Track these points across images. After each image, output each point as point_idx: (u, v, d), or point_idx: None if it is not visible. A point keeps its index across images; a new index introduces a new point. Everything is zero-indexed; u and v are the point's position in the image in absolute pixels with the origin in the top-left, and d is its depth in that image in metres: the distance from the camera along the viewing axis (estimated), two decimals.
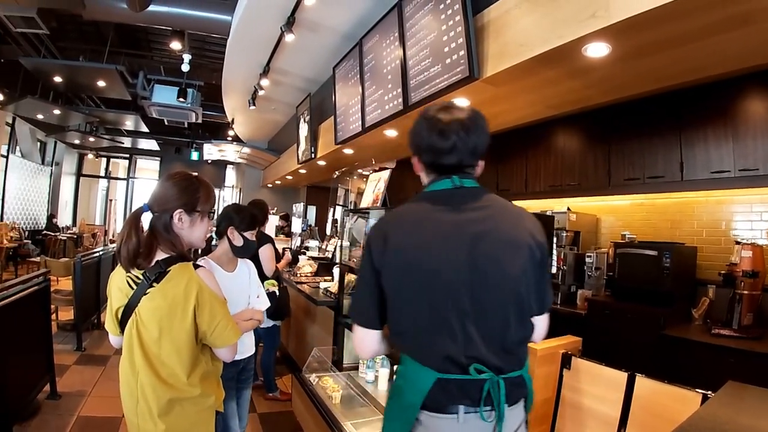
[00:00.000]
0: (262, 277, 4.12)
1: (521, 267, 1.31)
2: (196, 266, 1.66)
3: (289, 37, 4.68)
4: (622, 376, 2.09)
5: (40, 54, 7.77)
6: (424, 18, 3.49)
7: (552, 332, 2.61)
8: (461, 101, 3.44)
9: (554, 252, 2.96)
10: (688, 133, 3.49)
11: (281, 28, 4.57)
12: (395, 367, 3.37)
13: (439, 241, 1.33)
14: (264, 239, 4.16)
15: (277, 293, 3.98)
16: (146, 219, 1.66)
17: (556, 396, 2.37)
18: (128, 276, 1.60)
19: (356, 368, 3.63)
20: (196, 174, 1.81)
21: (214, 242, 2.64)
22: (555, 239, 3.07)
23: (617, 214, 4.32)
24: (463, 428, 1.26)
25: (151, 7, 5.78)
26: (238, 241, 2.49)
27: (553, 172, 4.38)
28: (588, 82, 3.00)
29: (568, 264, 3.88)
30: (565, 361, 2.35)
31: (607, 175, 3.93)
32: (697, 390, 1.86)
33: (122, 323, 1.61)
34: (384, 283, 1.34)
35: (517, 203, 4.38)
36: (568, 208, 4.21)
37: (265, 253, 4.08)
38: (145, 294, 1.56)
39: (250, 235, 2.58)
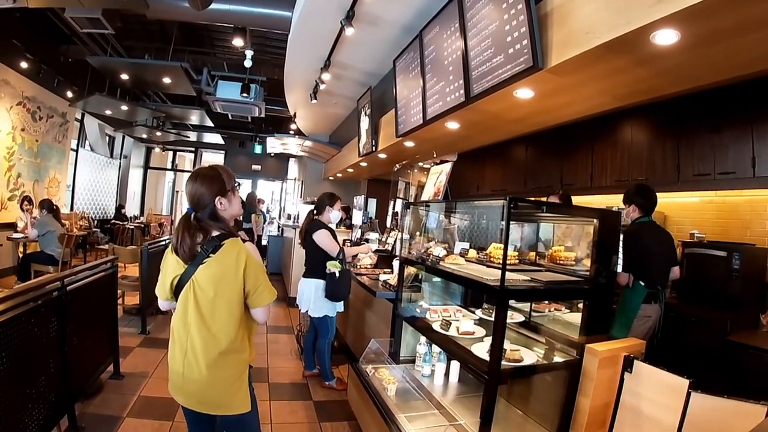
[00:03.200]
0: (319, 259, 4.25)
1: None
2: (243, 240, 2.03)
3: (349, 31, 4.71)
4: (682, 384, 1.98)
5: (106, 53, 8.18)
6: (485, 7, 3.40)
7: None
8: (525, 92, 3.37)
9: (620, 250, 2.83)
10: (761, 126, 3.26)
11: (341, 23, 4.61)
12: (452, 362, 3.35)
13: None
14: (315, 225, 4.26)
15: (337, 275, 4.11)
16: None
17: (615, 400, 2.28)
18: None
19: (413, 361, 3.63)
20: (209, 165, 2.15)
21: None
22: (622, 237, 2.93)
23: (686, 211, 4.08)
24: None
25: (213, 5, 5.94)
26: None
27: (620, 167, 4.18)
28: (656, 71, 2.83)
29: None
30: (627, 365, 2.24)
31: (676, 169, 3.72)
32: (762, 402, 1.75)
33: (177, 290, 1.96)
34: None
35: (582, 198, 4.27)
36: None
37: (320, 236, 4.19)
38: (202, 263, 1.91)
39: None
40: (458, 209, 4.02)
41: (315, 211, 4.46)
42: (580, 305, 2.61)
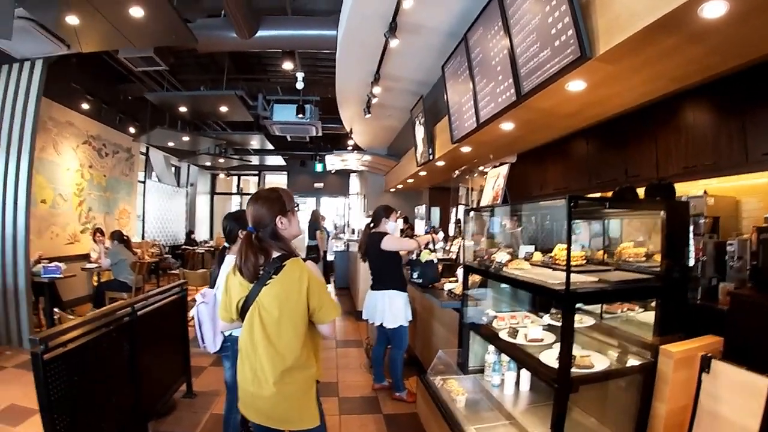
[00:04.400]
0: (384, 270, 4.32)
1: None
2: (303, 259, 2.07)
3: (393, 43, 4.71)
4: (763, 383, 1.80)
5: (163, 88, 8.65)
6: (526, 2, 3.31)
7: (691, 331, 2.32)
8: (576, 84, 3.23)
9: (691, 241, 2.61)
10: None
11: (385, 35, 4.62)
12: (522, 371, 3.23)
13: None
14: (377, 236, 4.30)
15: (435, 261, 4.16)
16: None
17: (693, 403, 2.10)
18: None
19: (482, 371, 3.54)
20: (270, 187, 2.23)
21: (224, 247, 3.33)
22: (692, 227, 2.71)
23: (759, 194, 3.72)
24: None
25: (259, 33, 6.16)
26: None
27: (686, 152, 3.88)
28: (710, 48, 2.61)
29: (708, 254, 3.41)
30: (704, 365, 2.07)
31: (744, 150, 3.40)
32: None
33: (243, 311, 2.03)
34: None
35: None
36: (705, 192, 3.71)
37: (389, 242, 4.27)
38: (266, 285, 1.97)
39: None
40: (520, 211, 3.90)
41: (372, 224, 4.50)
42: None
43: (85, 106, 8.53)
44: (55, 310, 5.18)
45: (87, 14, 4.46)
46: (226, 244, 3.31)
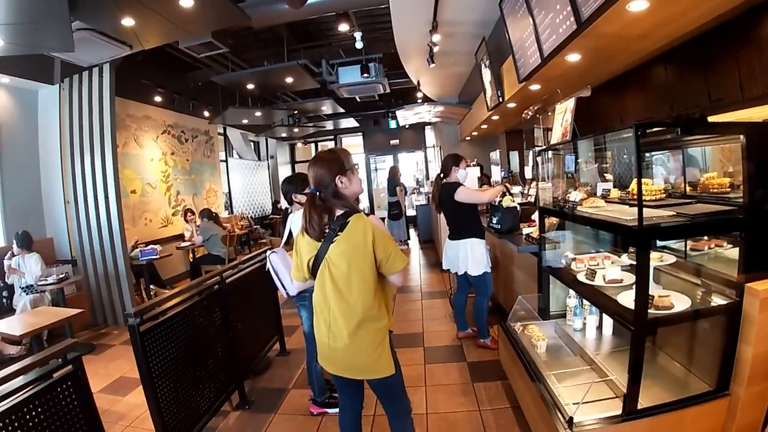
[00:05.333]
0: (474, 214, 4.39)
1: None
2: (367, 214, 2.16)
3: None
4: None
5: (228, 69, 8.86)
6: None
7: None
8: (638, 4, 2.95)
9: None
10: None
11: None
12: (603, 315, 3.13)
13: None
14: (450, 187, 4.27)
15: (517, 208, 4.16)
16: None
17: None
18: None
19: (563, 315, 3.48)
20: (330, 148, 2.31)
21: (287, 208, 3.61)
22: None
23: None
24: None
25: (310, 0, 6.12)
26: (302, 199, 3.20)
27: None
28: None
29: None
30: None
31: None
32: None
33: (314, 269, 2.14)
34: None
35: (738, 114, 3.58)
36: None
37: (463, 193, 4.27)
38: (332, 242, 2.07)
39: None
40: (596, 146, 3.69)
41: (442, 175, 4.48)
42: None
43: (158, 98, 9.00)
44: (151, 287, 5.69)
45: (140, 14, 4.65)
46: (287, 206, 3.58)
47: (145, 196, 8.47)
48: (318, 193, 2.15)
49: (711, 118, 4.00)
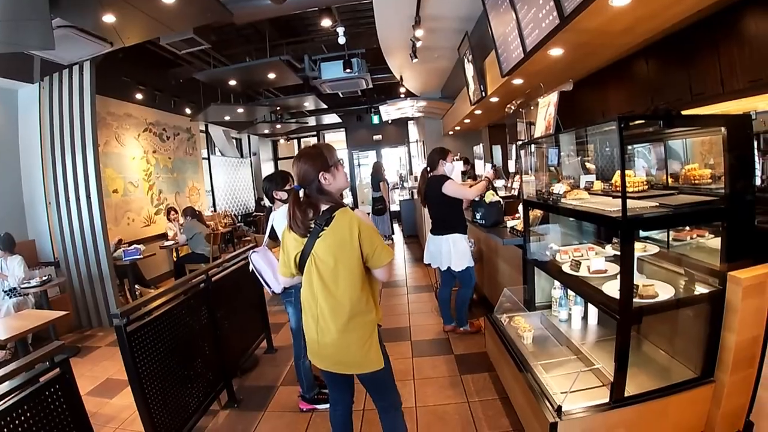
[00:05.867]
0: (458, 209, 4.40)
1: None
2: (352, 208, 2.15)
3: None
4: None
5: (210, 65, 8.76)
6: None
7: (762, 257, 2.17)
8: None
9: (757, 159, 2.39)
10: None
11: None
12: (589, 304, 3.17)
13: None
14: (437, 180, 4.29)
15: (501, 203, 4.19)
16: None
17: (765, 333, 1.98)
18: None
19: (549, 307, 3.53)
20: (312, 144, 2.16)
21: (268, 204, 3.62)
22: (759, 144, 2.47)
23: None
24: None
25: None
26: (283, 196, 3.34)
27: (750, 65, 3.49)
28: None
29: None
30: None
31: None
32: None
33: (301, 265, 2.14)
34: None
35: (717, 107, 3.67)
36: None
37: (449, 187, 4.28)
38: (318, 237, 2.06)
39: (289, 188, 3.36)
40: (579, 139, 3.73)
41: (428, 168, 4.50)
42: None
43: (139, 96, 8.86)
44: (136, 287, 5.63)
45: (122, 10, 4.57)
46: (269, 204, 3.62)
47: (127, 196, 8.35)
48: (303, 189, 2.14)
49: (692, 111, 4.12)
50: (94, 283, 6.11)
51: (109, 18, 4.66)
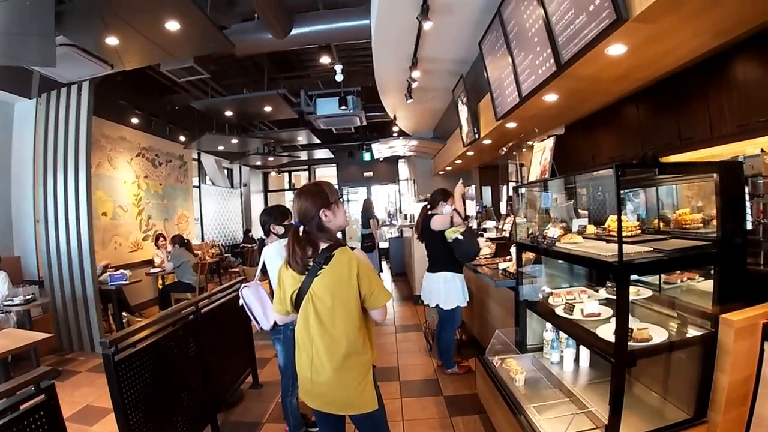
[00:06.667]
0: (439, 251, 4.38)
1: None
2: (351, 248, 2.13)
3: (426, 25, 4.65)
4: None
5: (208, 94, 8.91)
6: None
7: (753, 298, 2.21)
8: (616, 48, 3.10)
9: (748, 203, 2.46)
10: None
11: (417, 18, 4.56)
12: (581, 347, 3.17)
13: None
14: (430, 218, 4.35)
15: (461, 237, 4.17)
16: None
17: (756, 374, 2.00)
18: None
19: (540, 349, 3.51)
20: (314, 181, 2.32)
21: (262, 238, 3.55)
22: (749, 188, 2.56)
23: None
24: None
25: (294, 31, 6.24)
26: (279, 231, 3.33)
27: (739, 110, 3.62)
28: None
29: None
30: (767, 333, 1.97)
31: None
32: None
33: (297, 302, 2.11)
34: None
35: (705, 152, 3.78)
36: (762, 150, 3.46)
37: (435, 221, 4.35)
38: (317, 276, 2.05)
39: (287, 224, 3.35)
40: (571, 184, 3.80)
41: (429, 206, 4.54)
42: None
43: (135, 120, 8.93)
44: (124, 314, 5.52)
45: (125, 34, 4.65)
46: (263, 236, 3.58)
47: (116, 219, 8.30)
48: (302, 226, 2.13)
49: (681, 155, 4.22)
50: (78, 305, 5.97)
51: (112, 40, 4.73)
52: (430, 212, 4.51)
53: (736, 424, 2.12)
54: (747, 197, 2.48)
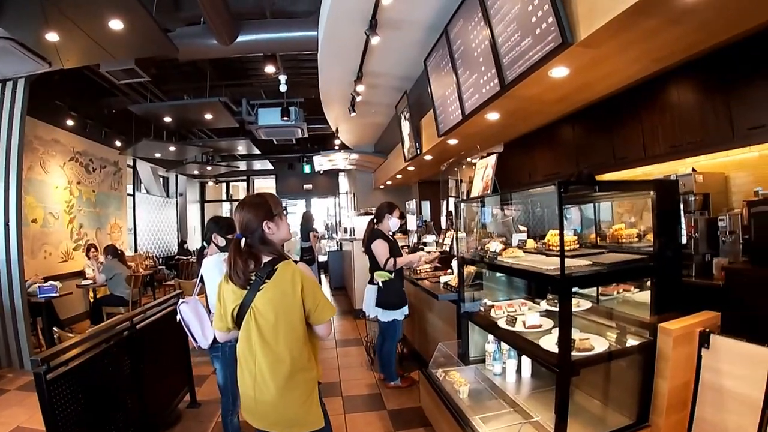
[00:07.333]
0: (377, 267, 4.32)
1: None
2: (295, 261, 2.07)
3: (374, 40, 4.70)
4: (765, 353, 1.83)
5: (147, 99, 8.56)
6: None
7: (687, 309, 2.36)
8: (560, 71, 3.25)
9: (683, 219, 2.65)
10: None
11: (366, 33, 4.60)
12: (522, 358, 3.25)
13: None
14: (375, 234, 4.35)
15: (380, 284, 4.17)
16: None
17: (695, 379, 2.13)
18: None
19: (483, 361, 3.56)
20: (257, 192, 2.09)
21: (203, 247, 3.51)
22: (682, 205, 2.75)
23: (747, 168, 3.78)
24: None
25: (240, 38, 6.14)
26: (221, 242, 3.25)
27: (671, 132, 3.92)
28: (691, 27, 2.65)
29: (700, 231, 3.48)
30: (703, 340, 2.11)
31: (730, 125, 3.47)
32: None
33: (238, 319, 2.01)
34: None
35: (638, 171, 4.04)
36: (693, 169, 3.76)
37: (376, 246, 4.33)
38: (259, 290, 1.96)
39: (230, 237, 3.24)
40: (511, 200, 3.92)
41: (375, 220, 4.56)
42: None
43: (69, 122, 8.47)
44: (54, 329, 5.14)
45: (66, 30, 4.42)
46: (204, 244, 3.48)
47: (46, 227, 7.76)
48: (244, 239, 2.05)
49: (615, 174, 4.46)
50: (6, 319, 5.50)
51: (52, 36, 4.49)
52: (376, 225, 4.52)
53: (678, 427, 2.24)
54: (681, 213, 2.65)
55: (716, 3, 2.36)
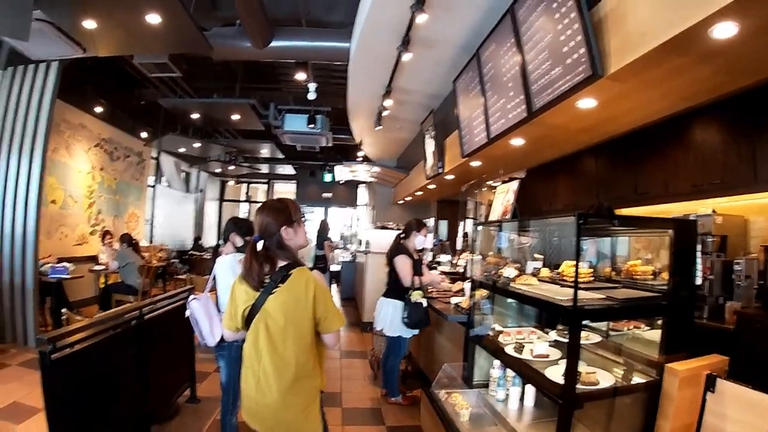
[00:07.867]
0: (397, 281, 4.37)
1: None
2: (310, 268, 2.08)
3: (406, 57, 4.76)
4: None
5: (176, 94, 8.74)
6: (538, 20, 3.34)
7: (697, 350, 2.32)
8: (587, 102, 3.25)
9: (699, 260, 2.62)
10: None
11: (397, 49, 4.67)
12: (527, 386, 3.22)
13: None
14: (399, 249, 4.37)
15: (424, 304, 4.16)
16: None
17: (698, 422, 2.09)
18: None
19: (487, 385, 3.53)
20: (278, 197, 2.27)
21: (218, 244, 3.32)
22: (700, 246, 2.72)
23: (767, 213, 3.74)
24: None
25: (273, 43, 6.25)
26: (237, 242, 3.24)
27: (694, 171, 3.89)
28: (719, 67, 2.65)
29: (715, 273, 3.42)
30: (709, 384, 2.07)
31: (753, 168, 3.42)
32: None
33: (248, 320, 2.03)
34: None
35: (657, 208, 3.99)
36: (713, 211, 3.72)
37: (399, 262, 4.33)
38: (272, 293, 1.98)
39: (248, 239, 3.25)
40: (528, 227, 3.91)
41: (403, 235, 4.58)
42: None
43: (98, 109, 8.66)
44: (64, 310, 5.23)
45: (104, 19, 4.54)
46: (220, 242, 3.49)
47: (65, 209, 7.91)
48: (263, 242, 2.08)
49: (635, 209, 4.42)
50: (15, 295, 5.61)
51: (89, 24, 4.60)
52: (402, 240, 4.55)
53: None
54: (698, 254, 2.62)
55: (746, 45, 2.35)
